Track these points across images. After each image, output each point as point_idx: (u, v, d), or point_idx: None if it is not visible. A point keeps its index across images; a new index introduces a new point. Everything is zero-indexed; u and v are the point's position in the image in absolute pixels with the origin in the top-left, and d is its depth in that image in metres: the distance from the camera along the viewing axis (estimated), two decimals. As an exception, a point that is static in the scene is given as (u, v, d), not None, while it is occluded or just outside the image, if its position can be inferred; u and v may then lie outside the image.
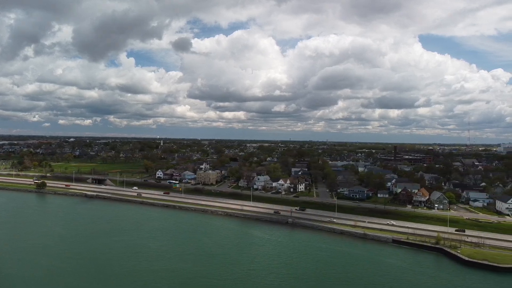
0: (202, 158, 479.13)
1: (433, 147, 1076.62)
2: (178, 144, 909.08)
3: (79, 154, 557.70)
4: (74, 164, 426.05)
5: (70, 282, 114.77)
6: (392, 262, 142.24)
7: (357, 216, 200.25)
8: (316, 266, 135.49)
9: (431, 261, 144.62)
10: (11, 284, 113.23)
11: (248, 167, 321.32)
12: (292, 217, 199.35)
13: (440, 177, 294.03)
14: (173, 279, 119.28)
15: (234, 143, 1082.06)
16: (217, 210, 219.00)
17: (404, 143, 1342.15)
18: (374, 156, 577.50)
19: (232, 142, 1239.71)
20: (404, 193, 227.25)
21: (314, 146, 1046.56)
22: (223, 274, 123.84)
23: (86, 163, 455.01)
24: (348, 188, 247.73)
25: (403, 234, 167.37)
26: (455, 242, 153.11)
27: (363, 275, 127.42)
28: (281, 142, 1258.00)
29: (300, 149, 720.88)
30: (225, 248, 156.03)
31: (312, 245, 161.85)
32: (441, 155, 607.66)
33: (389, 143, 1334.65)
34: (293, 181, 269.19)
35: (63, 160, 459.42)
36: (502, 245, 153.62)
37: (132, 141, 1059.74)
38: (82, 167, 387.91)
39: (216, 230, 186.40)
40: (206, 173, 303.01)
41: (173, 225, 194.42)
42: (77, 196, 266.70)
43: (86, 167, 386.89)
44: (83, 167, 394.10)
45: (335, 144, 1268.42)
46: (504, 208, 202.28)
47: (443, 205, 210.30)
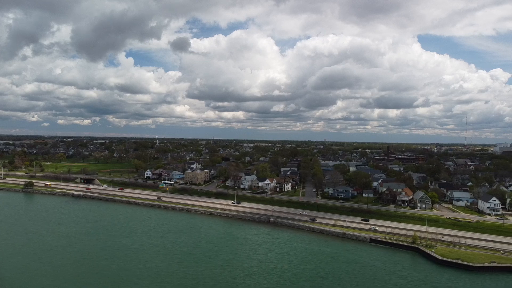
0: (194, 158, 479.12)
1: (430, 147, 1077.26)
2: (174, 144, 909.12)
3: (73, 154, 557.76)
4: (66, 164, 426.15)
5: (35, 281, 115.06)
6: (368, 261, 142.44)
7: (340, 215, 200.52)
8: (291, 265, 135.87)
9: (406, 260, 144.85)
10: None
11: (235, 166, 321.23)
12: (274, 217, 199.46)
13: (427, 177, 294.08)
14: (144, 278, 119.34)
15: (231, 143, 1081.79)
16: (200, 210, 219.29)
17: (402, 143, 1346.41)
18: (367, 156, 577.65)
19: (230, 142, 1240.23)
20: (388, 192, 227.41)
21: (311, 146, 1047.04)
22: (195, 273, 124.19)
23: (78, 163, 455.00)
24: (333, 188, 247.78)
25: (381, 234, 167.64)
26: (431, 241, 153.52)
27: (336, 274, 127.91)
28: (278, 142, 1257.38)
29: (294, 149, 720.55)
30: (203, 247, 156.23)
31: (290, 245, 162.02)
32: (435, 155, 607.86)
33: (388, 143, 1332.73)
34: (280, 181, 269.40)
35: (55, 160, 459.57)
36: (477, 244, 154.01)
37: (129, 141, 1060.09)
38: (73, 167, 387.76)
39: (198, 229, 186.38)
40: (194, 173, 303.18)
41: (156, 224, 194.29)
42: (64, 195, 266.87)
43: (78, 167, 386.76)
44: (75, 166, 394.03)
45: (332, 144, 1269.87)
46: (485, 207, 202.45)
47: (426, 205, 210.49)
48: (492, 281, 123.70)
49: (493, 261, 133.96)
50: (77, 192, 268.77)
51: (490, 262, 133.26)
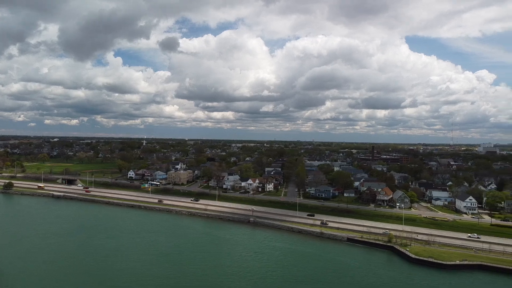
0: (180, 158, 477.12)
1: (416, 147, 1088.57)
2: (161, 144, 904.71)
3: (57, 154, 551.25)
4: (48, 164, 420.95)
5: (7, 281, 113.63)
6: (343, 260, 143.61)
7: (320, 215, 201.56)
8: (265, 264, 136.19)
9: (381, 259, 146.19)
10: None
11: (217, 167, 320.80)
12: (254, 216, 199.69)
13: (409, 177, 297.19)
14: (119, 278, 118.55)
15: (220, 143, 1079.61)
16: (181, 210, 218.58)
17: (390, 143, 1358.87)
18: (353, 156, 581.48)
19: (219, 142, 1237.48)
20: (368, 192, 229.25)
21: (299, 146, 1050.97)
22: (170, 273, 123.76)
23: (62, 163, 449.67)
24: (315, 188, 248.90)
25: (358, 233, 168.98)
26: (406, 240, 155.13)
27: (310, 273, 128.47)
28: (267, 142, 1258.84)
29: (281, 149, 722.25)
30: (180, 247, 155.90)
31: (267, 244, 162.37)
32: (420, 155, 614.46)
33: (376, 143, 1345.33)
34: (262, 181, 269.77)
35: (38, 161, 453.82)
36: (451, 243, 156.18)
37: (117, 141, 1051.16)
38: (56, 167, 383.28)
39: (177, 229, 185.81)
40: (177, 173, 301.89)
41: (135, 225, 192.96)
42: (44, 196, 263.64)
43: (61, 167, 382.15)
44: (57, 167, 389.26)
45: (321, 144, 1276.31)
46: (462, 206, 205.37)
47: (405, 204, 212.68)
48: (463, 279, 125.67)
49: (464, 259, 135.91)
50: (57, 193, 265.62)
51: (462, 260, 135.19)
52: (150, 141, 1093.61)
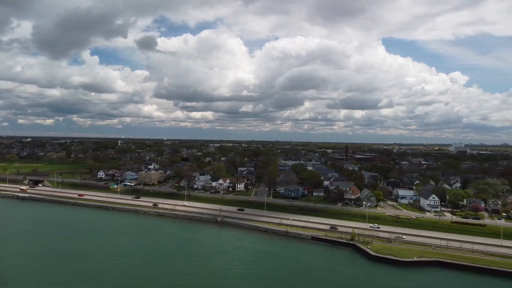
0: (154, 158, 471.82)
1: (392, 147, 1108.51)
2: (138, 144, 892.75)
3: (27, 154, 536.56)
4: (17, 165, 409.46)
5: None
6: (305, 258, 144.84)
7: (288, 214, 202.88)
8: (229, 264, 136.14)
9: (343, 256, 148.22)
10: None
11: (188, 166, 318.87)
12: (221, 216, 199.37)
13: (378, 176, 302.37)
14: (77, 280, 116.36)
15: (198, 143, 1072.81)
16: (149, 211, 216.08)
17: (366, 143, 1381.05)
18: (328, 156, 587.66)
19: (197, 142, 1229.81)
20: (335, 191, 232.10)
21: (277, 146, 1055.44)
22: (130, 274, 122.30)
23: (32, 163, 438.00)
24: (284, 187, 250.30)
25: (323, 231, 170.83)
26: (368, 238, 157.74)
27: (271, 271, 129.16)
28: (245, 142, 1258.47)
29: (257, 149, 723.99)
30: (143, 248, 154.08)
31: (232, 244, 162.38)
32: (393, 154, 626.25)
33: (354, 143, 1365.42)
34: (233, 181, 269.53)
35: (6, 161, 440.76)
36: (412, 240, 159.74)
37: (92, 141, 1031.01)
38: (24, 168, 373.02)
39: (142, 230, 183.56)
40: (147, 173, 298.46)
41: (100, 226, 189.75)
42: (8, 197, 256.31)
43: (29, 168, 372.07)
44: (26, 167, 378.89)
45: (298, 144, 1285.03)
46: (426, 204, 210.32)
47: (371, 203, 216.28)
48: (419, 275, 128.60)
49: (422, 256, 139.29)
50: (22, 194, 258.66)
51: (419, 257, 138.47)
52: (127, 141, 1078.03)
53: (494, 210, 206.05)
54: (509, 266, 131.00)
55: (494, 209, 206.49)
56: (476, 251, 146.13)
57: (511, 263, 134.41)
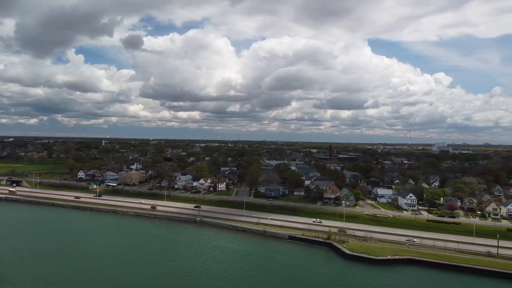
0: (137, 158, 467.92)
1: (377, 146, 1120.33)
2: (122, 144, 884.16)
3: (7, 154, 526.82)
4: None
5: None
6: (281, 257, 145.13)
7: (267, 214, 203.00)
8: (205, 264, 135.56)
9: (319, 255, 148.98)
10: None
11: (170, 166, 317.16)
12: (200, 216, 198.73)
13: (359, 175, 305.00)
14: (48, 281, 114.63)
15: (184, 143, 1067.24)
16: (127, 211, 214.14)
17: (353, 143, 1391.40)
18: (312, 155, 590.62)
19: (183, 142, 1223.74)
20: (315, 190, 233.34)
21: (263, 146, 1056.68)
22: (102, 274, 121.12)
23: (11, 164, 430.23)
24: (265, 187, 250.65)
25: (300, 230, 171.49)
26: (344, 237, 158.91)
27: (246, 271, 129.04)
28: (231, 142, 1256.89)
29: (242, 149, 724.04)
30: (119, 248, 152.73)
31: (210, 244, 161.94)
32: (377, 154, 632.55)
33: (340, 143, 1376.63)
34: (214, 180, 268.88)
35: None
36: (387, 238, 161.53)
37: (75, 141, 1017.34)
38: (3, 168, 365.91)
39: (119, 231, 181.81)
40: (128, 174, 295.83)
41: (76, 227, 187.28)
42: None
43: (8, 168, 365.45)
44: (5, 168, 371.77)
45: (285, 144, 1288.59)
46: (403, 203, 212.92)
47: (350, 202, 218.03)
48: (392, 273, 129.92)
49: (396, 254, 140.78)
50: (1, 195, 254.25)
51: (393, 255, 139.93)
52: (112, 141, 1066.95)
53: (469, 209, 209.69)
54: (479, 263, 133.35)
55: (469, 208, 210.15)
56: (448, 249, 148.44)
57: (482, 260, 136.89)
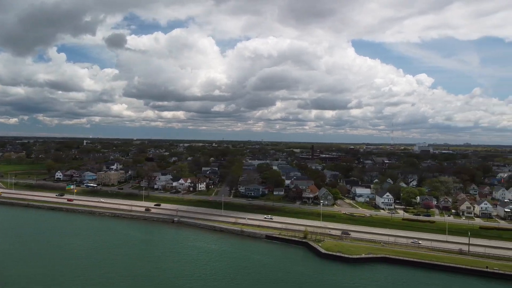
0: (118, 158, 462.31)
1: (360, 146, 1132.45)
2: (104, 144, 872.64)
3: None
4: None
5: None
6: (256, 257, 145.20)
7: (246, 213, 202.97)
8: (180, 264, 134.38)
9: (294, 254, 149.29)
10: None
11: (149, 166, 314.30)
12: (178, 216, 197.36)
13: (339, 174, 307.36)
14: (16, 284, 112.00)
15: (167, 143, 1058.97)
16: (104, 212, 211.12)
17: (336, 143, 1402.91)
18: (295, 155, 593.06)
19: (167, 142, 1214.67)
20: (294, 190, 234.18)
21: (247, 146, 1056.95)
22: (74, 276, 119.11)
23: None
24: (245, 186, 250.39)
25: (277, 230, 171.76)
26: (320, 236, 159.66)
27: (221, 271, 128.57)
28: (216, 142, 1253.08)
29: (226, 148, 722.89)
30: (92, 250, 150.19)
31: (187, 244, 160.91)
32: (359, 154, 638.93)
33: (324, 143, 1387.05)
34: (194, 180, 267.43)
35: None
36: (363, 237, 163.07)
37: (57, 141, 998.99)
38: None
39: (96, 232, 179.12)
40: (107, 174, 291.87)
41: (51, 228, 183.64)
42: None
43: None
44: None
45: (269, 144, 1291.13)
46: (380, 202, 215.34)
47: (328, 201, 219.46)
48: (366, 271, 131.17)
49: (370, 253, 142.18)
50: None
51: (367, 254, 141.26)
52: (95, 141, 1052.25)
53: (444, 207, 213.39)
54: (451, 261, 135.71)
55: (444, 206, 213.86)
56: (422, 247, 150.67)
57: (453, 258, 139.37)
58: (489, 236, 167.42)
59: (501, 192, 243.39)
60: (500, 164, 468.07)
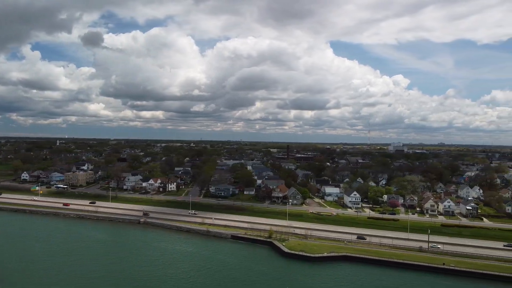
0: (90, 159, 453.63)
1: (337, 146, 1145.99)
2: (79, 144, 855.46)
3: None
4: None
5: None
6: (220, 257, 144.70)
7: (214, 213, 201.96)
8: (141, 265, 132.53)
9: (258, 254, 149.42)
10: None
11: (119, 167, 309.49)
12: (144, 217, 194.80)
13: (311, 174, 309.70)
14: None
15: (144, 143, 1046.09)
16: (69, 213, 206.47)
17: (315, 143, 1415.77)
18: (271, 155, 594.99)
19: (145, 142, 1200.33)
20: (264, 189, 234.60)
21: (226, 146, 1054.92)
22: (32, 279, 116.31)
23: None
24: (215, 186, 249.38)
25: (243, 230, 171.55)
26: (284, 235, 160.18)
27: (179, 272, 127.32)
28: (194, 142, 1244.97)
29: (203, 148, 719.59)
30: (52, 252, 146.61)
31: (150, 245, 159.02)
32: (335, 153, 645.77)
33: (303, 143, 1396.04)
34: (164, 181, 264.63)
35: None
36: (327, 236, 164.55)
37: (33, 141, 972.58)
38: None
39: (58, 234, 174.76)
40: (74, 174, 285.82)
41: (11, 230, 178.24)
42: None
43: None
44: None
45: (248, 144, 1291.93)
46: (348, 201, 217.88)
47: (297, 200, 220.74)
48: (327, 270, 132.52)
49: (332, 251, 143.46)
50: None
51: (329, 252, 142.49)
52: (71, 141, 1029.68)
53: (410, 206, 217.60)
54: (410, 258, 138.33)
55: (410, 205, 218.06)
56: (383, 245, 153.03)
57: (413, 255, 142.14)
58: (450, 233, 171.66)
59: (465, 190, 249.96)
60: (469, 163, 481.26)
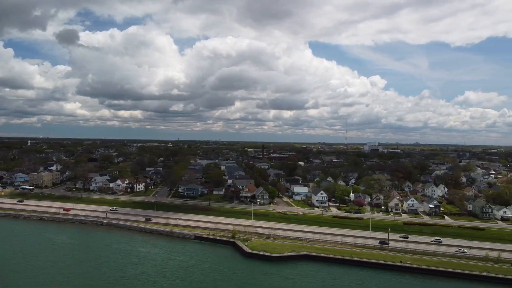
0: (59, 159, 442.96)
1: (315, 146, 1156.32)
2: (52, 144, 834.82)
3: None
4: None
5: None
6: (180, 258, 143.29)
7: (179, 214, 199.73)
8: (93, 268, 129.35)
9: (220, 254, 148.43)
10: None
11: (85, 167, 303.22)
12: (108, 218, 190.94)
13: (282, 173, 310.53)
14: None
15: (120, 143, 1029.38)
16: (30, 215, 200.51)
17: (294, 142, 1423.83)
18: (247, 155, 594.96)
19: (122, 142, 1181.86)
20: (232, 189, 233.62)
21: (204, 146, 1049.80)
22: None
23: None
24: (184, 186, 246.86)
25: (207, 230, 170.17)
26: (248, 235, 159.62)
27: (137, 274, 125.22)
28: (171, 142, 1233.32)
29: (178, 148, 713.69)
30: (10, 256, 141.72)
31: (110, 247, 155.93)
32: (310, 153, 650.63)
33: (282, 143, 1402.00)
34: (132, 181, 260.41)
35: None
36: (290, 235, 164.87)
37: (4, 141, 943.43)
38: None
39: (16, 236, 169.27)
40: (39, 175, 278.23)
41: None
42: None
43: None
44: None
45: (227, 143, 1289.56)
46: (315, 200, 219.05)
47: (265, 200, 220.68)
48: (288, 269, 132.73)
49: (293, 250, 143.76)
50: None
51: (290, 252, 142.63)
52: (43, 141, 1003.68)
53: (376, 204, 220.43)
54: (370, 256, 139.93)
55: (376, 203, 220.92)
56: (345, 244, 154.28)
57: (373, 253, 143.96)
58: (411, 231, 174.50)
59: (431, 189, 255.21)
60: (439, 162, 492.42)
